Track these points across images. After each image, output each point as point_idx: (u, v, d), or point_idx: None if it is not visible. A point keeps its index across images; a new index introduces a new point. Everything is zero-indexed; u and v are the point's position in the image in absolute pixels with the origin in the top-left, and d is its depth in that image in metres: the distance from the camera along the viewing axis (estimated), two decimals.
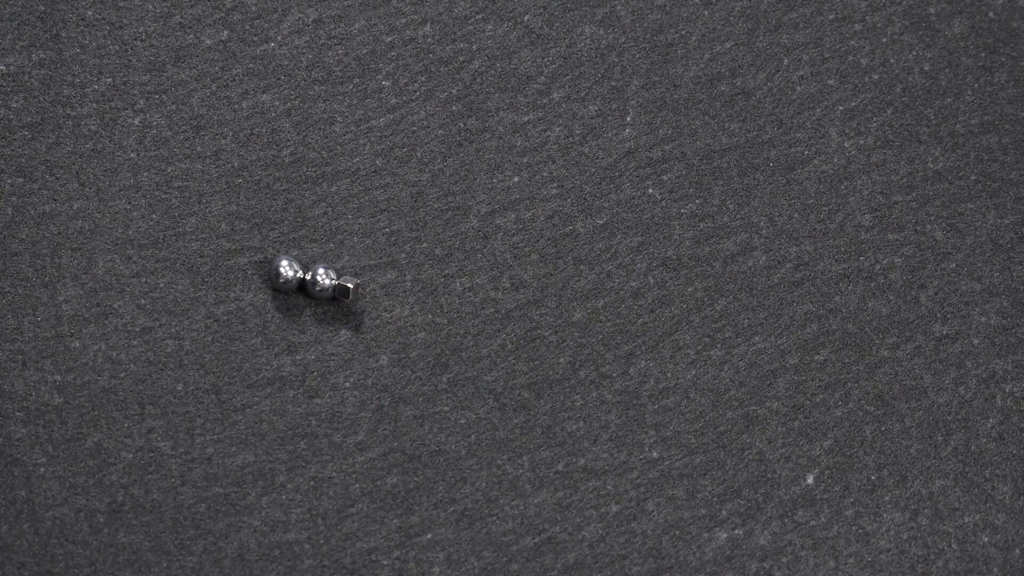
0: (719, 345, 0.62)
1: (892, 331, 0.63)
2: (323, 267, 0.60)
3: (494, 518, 0.60)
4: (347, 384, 0.61)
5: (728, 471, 0.61)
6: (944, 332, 0.63)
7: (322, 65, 0.63)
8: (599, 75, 0.64)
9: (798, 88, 0.64)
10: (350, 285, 0.60)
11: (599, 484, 0.61)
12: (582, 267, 0.62)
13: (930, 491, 0.62)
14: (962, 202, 0.64)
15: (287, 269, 0.60)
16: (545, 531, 0.60)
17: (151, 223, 0.61)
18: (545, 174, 0.63)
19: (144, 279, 0.61)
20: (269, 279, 0.61)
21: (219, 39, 0.63)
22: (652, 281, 0.62)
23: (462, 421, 0.61)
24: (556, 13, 0.64)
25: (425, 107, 0.63)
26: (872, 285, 0.63)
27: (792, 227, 0.63)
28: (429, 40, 0.64)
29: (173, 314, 0.61)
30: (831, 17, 0.65)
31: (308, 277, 0.60)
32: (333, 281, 0.60)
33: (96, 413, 0.60)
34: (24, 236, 0.61)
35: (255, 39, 0.63)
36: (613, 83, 0.64)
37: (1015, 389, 0.63)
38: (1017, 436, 0.62)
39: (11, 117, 0.62)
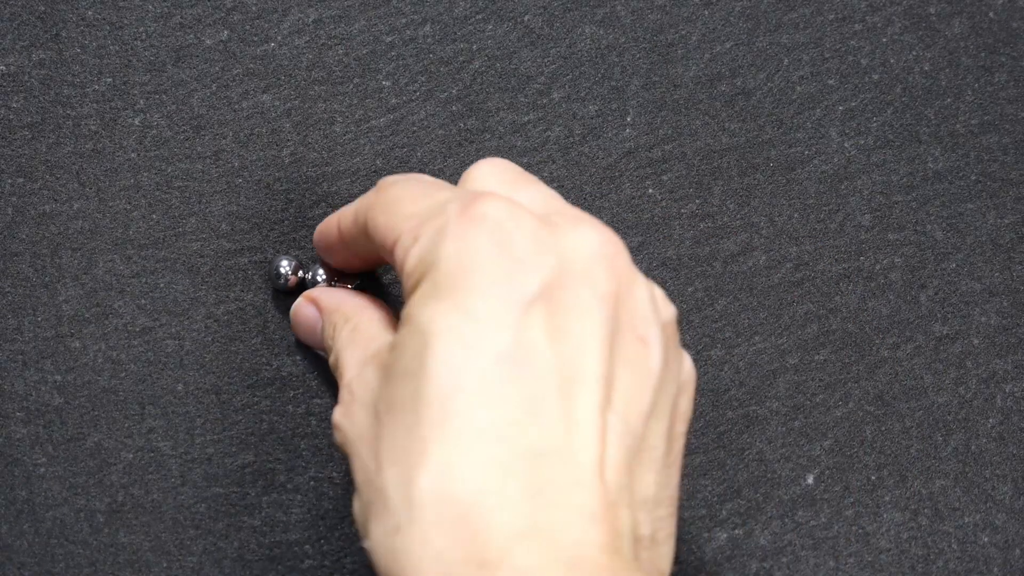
0: (719, 345, 0.62)
1: (892, 331, 0.63)
2: (322, 267, 0.60)
3: None
4: None
5: (728, 471, 0.61)
6: (944, 332, 0.63)
7: (322, 65, 0.63)
8: (599, 75, 0.64)
9: (798, 88, 0.64)
10: (348, 285, 0.60)
11: None
12: None
13: (930, 491, 0.61)
14: (962, 202, 0.64)
15: (286, 268, 0.60)
16: None
17: (151, 223, 0.61)
18: (545, 174, 0.63)
19: (144, 279, 0.61)
20: (269, 279, 0.61)
21: (219, 39, 0.63)
22: (652, 281, 0.62)
23: None
24: (556, 13, 0.64)
25: (425, 107, 0.63)
26: (872, 285, 0.63)
27: (792, 227, 0.63)
28: (429, 40, 0.64)
29: (173, 314, 0.61)
30: (831, 17, 0.65)
31: (308, 276, 0.60)
32: (333, 282, 0.60)
33: (96, 413, 0.60)
34: (24, 236, 0.61)
35: (255, 39, 0.63)
36: (613, 83, 0.64)
37: (1015, 389, 0.63)
38: (1017, 436, 0.62)
39: (11, 117, 0.62)
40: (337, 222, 0.56)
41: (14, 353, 0.60)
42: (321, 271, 0.60)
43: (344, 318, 0.55)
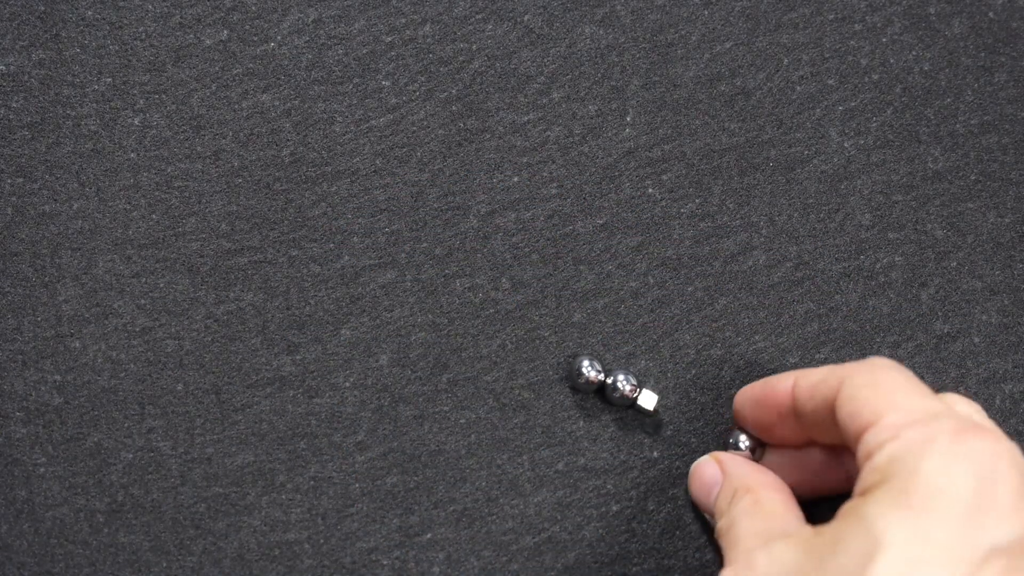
0: (719, 345, 0.62)
1: (893, 330, 0.63)
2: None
3: (494, 517, 0.60)
4: (347, 384, 0.61)
5: None
6: (945, 330, 0.63)
7: (322, 65, 0.63)
8: (599, 75, 0.64)
9: (798, 88, 0.64)
10: (650, 408, 0.60)
11: (599, 484, 0.61)
12: (582, 267, 0.62)
13: None
14: (962, 201, 0.64)
15: (588, 370, 0.60)
16: (545, 531, 0.60)
17: (151, 223, 0.61)
18: (545, 174, 0.63)
19: (144, 279, 0.61)
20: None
21: (219, 39, 0.63)
22: (652, 281, 0.62)
23: (462, 421, 0.61)
24: (556, 13, 0.64)
25: (425, 107, 0.63)
26: (872, 284, 0.63)
27: (792, 227, 0.63)
28: (429, 40, 0.64)
29: (173, 314, 0.61)
30: (831, 17, 0.65)
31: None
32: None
33: (96, 413, 0.60)
34: (24, 236, 0.61)
35: (255, 39, 0.63)
36: (613, 83, 0.64)
37: (1014, 390, 0.62)
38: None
39: (11, 117, 0.62)
40: (794, 381, 0.55)
41: (14, 353, 0.60)
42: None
43: (745, 488, 0.55)
